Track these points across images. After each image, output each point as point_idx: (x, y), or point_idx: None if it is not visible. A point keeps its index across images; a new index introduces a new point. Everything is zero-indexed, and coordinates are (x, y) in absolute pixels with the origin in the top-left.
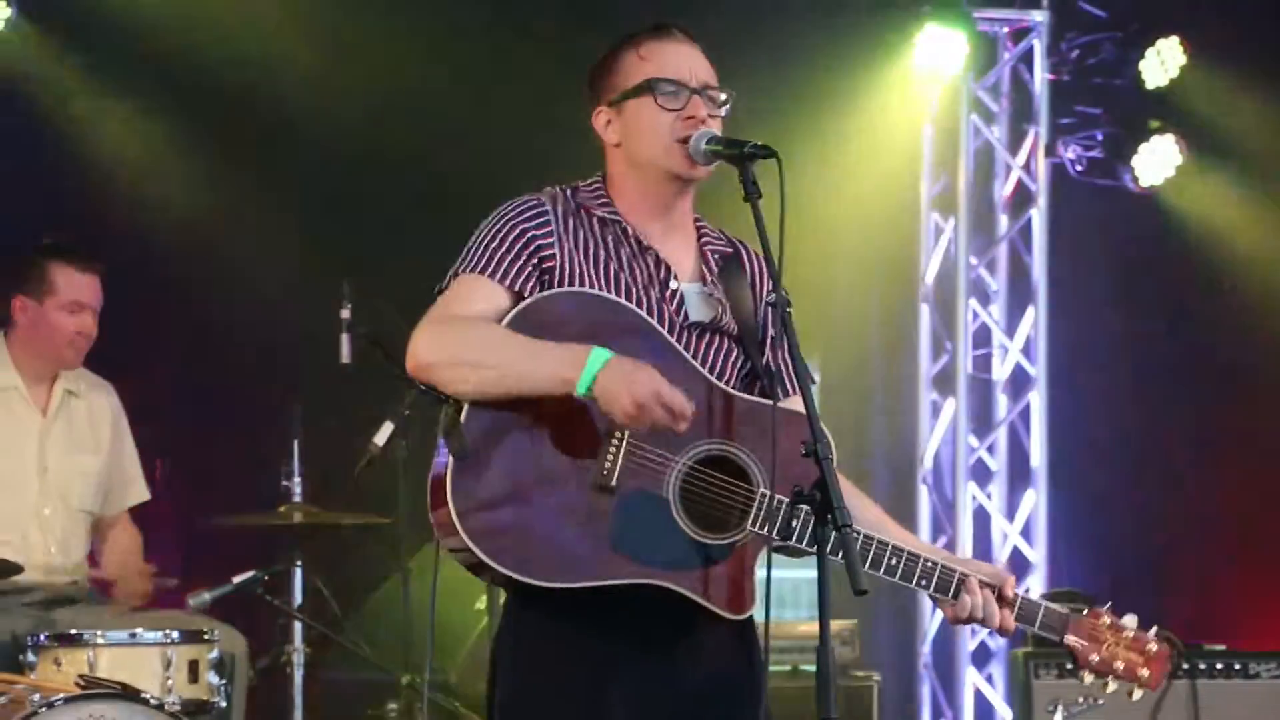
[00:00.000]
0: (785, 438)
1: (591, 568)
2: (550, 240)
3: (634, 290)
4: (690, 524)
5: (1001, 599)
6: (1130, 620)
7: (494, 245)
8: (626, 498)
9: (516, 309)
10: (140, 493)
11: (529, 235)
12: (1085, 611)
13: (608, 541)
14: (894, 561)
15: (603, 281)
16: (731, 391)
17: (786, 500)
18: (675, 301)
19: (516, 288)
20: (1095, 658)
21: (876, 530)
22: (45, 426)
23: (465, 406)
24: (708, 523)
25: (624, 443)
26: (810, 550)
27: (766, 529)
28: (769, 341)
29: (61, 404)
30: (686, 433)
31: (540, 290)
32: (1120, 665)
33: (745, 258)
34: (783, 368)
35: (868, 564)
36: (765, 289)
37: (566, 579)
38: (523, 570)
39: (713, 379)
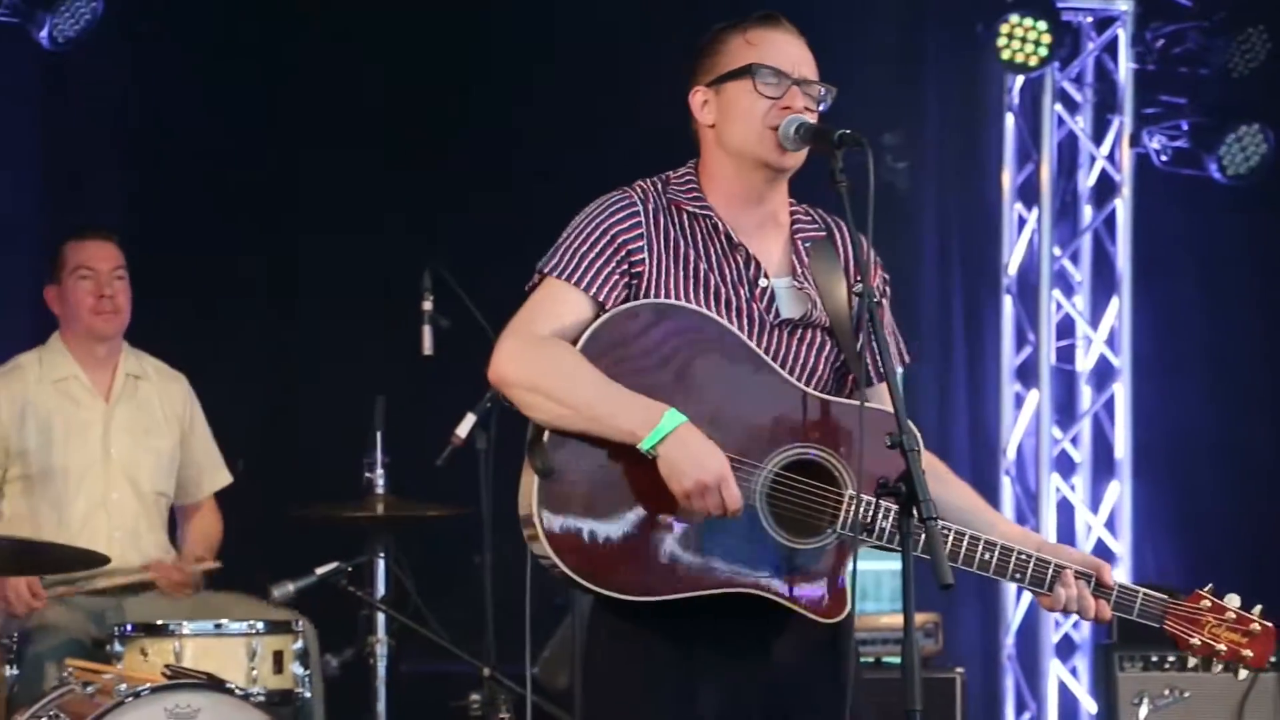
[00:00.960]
0: (872, 436)
1: (681, 579)
2: (640, 244)
3: (723, 290)
4: (778, 530)
5: (1098, 587)
6: (1233, 600)
7: (583, 250)
8: None
9: (596, 323)
10: (222, 477)
11: (620, 240)
12: (1184, 596)
13: (696, 552)
14: (987, 557)
15: (691, 284)
16: (819, 395)
17: (874, 500)
18: (765, 299)
19: (602, 298)
20: (1196, 641)
21: (969, 515)
22: (108, 411)
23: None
24: (796, 528)
25: None
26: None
27: (856, 531)
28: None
29: (125, 388)
30: (772, 439)
31: (628, 296)
32: (1222, 647)
33: (839, 239)
34: (875, 358)
35: (960, 560)
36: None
37: (657, 591)
38: (613, 586)
39: (799, 384)
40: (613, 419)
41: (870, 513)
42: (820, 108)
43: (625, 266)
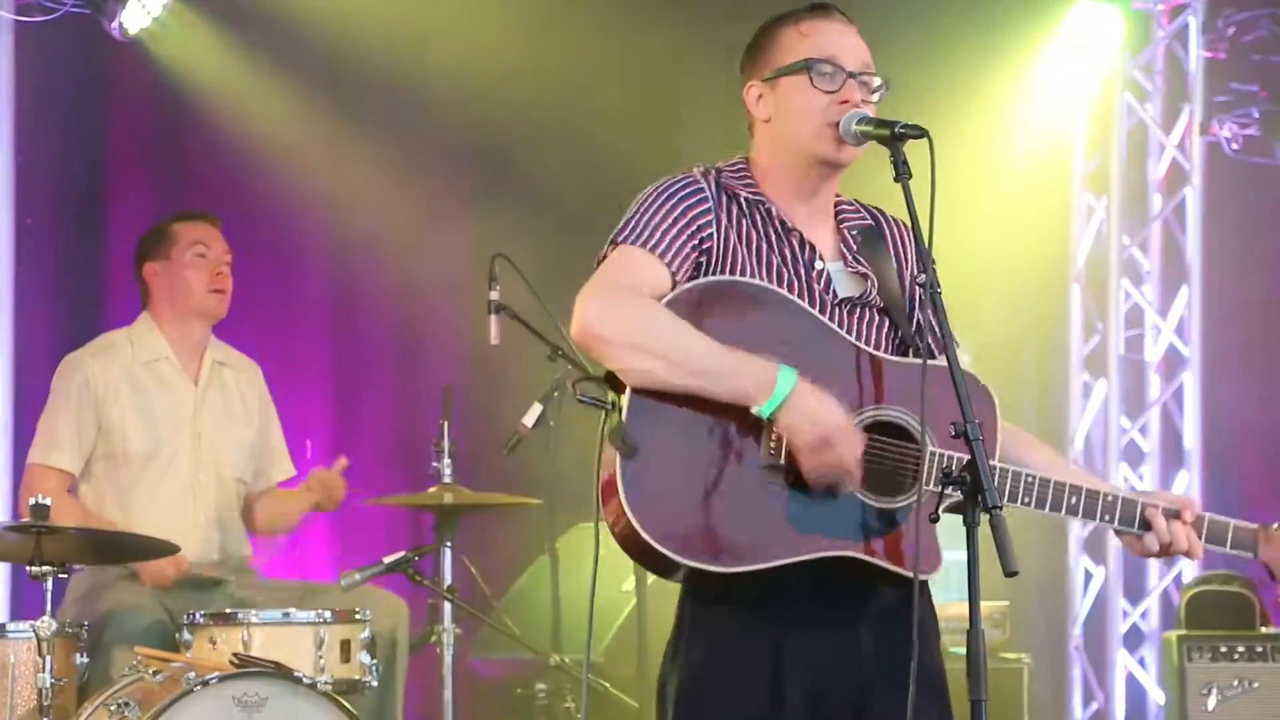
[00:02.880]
0: (947, 394)
1: (775, 547)
2: (709, 218)
3: (784, 271)
4: (864, 491)
5: (1186, 524)
6: None
7: (658, 220)
8: (797, 473)
9: (672, 294)
10: (287, 468)
11: (691, 215)
12: (1277, 525)
13: (786, 519)
14: (1074, 500)
15: (754, 262)
16: (890, 358)
17: (956, 455)
18: (822, 281)
19: (673, 269)
20: None
21: (1053, 473)
22: (199, 395)
23: (626, 408)
24: (882, 488)
25: None
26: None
27: (943, 486)
28: (916, 312)
29: (212, 374)
30: (849, 402)
31: (698, 273)
32: None
33: (886, 226)
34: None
35: (1047, 506)
36: (908, 256)
37: (753, 561)
38: (712, 561)
39: (869, 349)
40: (725, 379)
41: (951, 468)
42: (876, 98)
43: (696, 241)
